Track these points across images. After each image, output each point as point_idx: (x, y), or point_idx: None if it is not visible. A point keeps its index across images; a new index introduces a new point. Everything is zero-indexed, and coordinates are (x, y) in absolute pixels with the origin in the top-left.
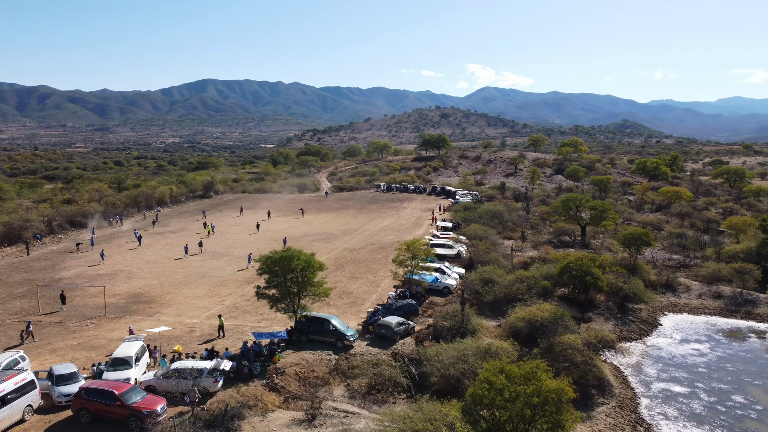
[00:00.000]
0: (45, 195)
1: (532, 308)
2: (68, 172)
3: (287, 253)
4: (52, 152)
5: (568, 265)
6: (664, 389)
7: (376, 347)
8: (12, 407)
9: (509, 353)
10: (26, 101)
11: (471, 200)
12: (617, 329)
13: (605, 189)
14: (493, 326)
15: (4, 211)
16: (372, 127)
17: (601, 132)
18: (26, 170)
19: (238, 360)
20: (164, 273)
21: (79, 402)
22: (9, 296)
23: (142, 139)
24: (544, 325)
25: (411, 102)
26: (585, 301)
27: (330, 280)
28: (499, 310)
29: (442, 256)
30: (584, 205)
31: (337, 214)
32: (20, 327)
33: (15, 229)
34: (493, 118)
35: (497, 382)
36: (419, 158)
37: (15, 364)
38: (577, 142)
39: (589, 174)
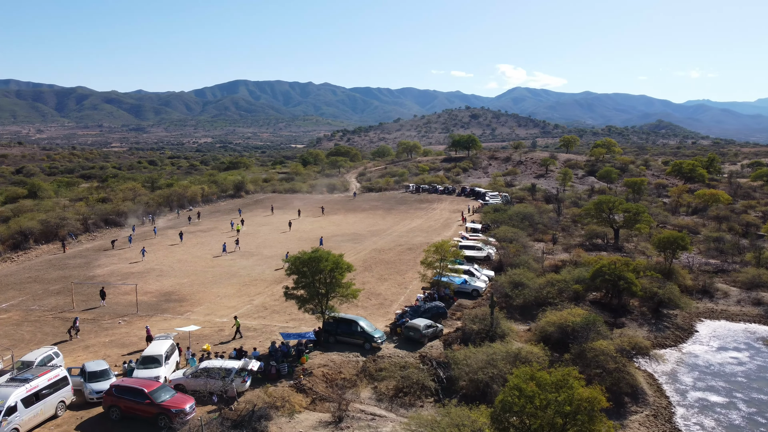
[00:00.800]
0: (81, 194)
1: (564, 313)
2: (104, 172)
3: (316, 254)
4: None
5: (601, 268)
6: (700, 399)
7: (404, 350)
8: (45, 403)
9: (539, 359)
10: (65, 102)
11: (501, 202)
12: (651, 335)
13: (639, 191)
14: (523, 330)
15: (42, 209)
16: (401, 128)
17: (635, 133)
18: (64, 169)
19: (266, 360)
20: (195, 272)
21: (110, 399)
22: (45, 293)
23: (176, 139)
24: (575, 330)
25: (440, 102)
26: (618, 306)
27: (358, 281)
28: (529, 314)
29: (471, 258)
30: (617, 207)
31: (365, 215)
32: (55, 323)
33: (52, 227)
34: (523, 119)
35: (528, 389)
36: (448, 159)
37: (49, 360)
38: (610, 143)
39: (622, 176)
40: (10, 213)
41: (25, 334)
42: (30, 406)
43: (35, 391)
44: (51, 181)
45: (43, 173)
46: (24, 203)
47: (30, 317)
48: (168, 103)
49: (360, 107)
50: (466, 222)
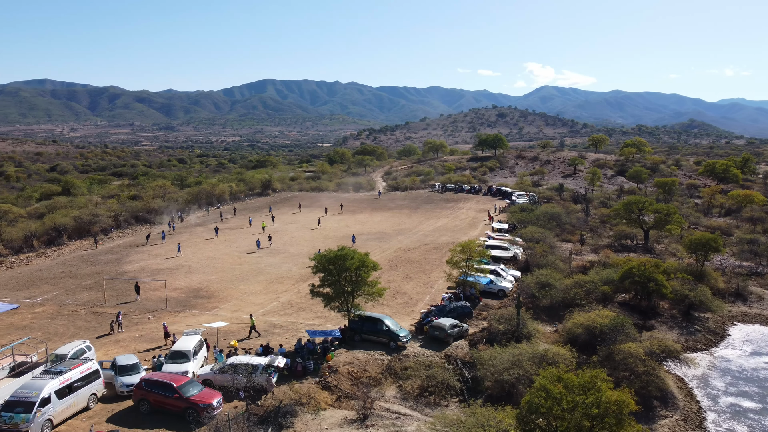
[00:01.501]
0: (113, 191)
1: (591, 314)
2: (135, 170)
3: (341, 253)
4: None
5: (630, 270)
6: (732, 404)
7: (429, 349)
8: (78, 395)
9: (566, 360)
10: (98, 101)
11: (528, 201)
12: (682, 339)
13: (670, 191)
14: (550, 331)
15: (75, 206)
16: (428, 127)
17: (666, 132)
18: (96, 167)
19: (292, 357)
20: (223, 269)
21: (139, 393)
22: (78, 288)
23: (205, 137)
24: (603, 332)
25: (467, 101)
26: (647, 308)
27: (384, 280)
28: (556, 315)
29: (497, 258)
30: (648, 208)
31: (391, 214)
32: (87, 318)
33: (85, 223)
34: (551, 118)
35: (555, 390)
36: (475, 158)
37: (81, 353)
38: (640, 143)
39: (652, 176)
40: (45, 209)
41: (59, 327)
42: (63, 398)
43: (68, 384)
44: (84, 178)
45: (76, 171)
46: (58, 200)
47: (63, 311)
48: (197, 102)
49: (386, 106)
50: (492, 221)
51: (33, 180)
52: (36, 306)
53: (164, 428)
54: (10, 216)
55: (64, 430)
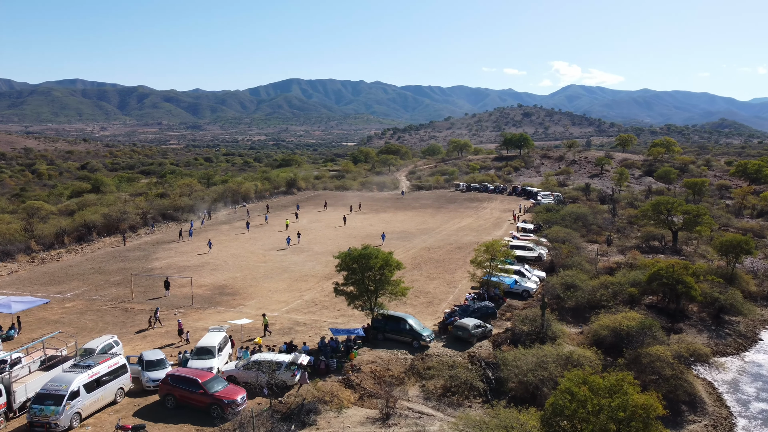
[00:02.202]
0: (141, 189)
1: (618, 316)
2: (162, 168)
3: (365, 251)
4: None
5: (658, 272)
6: (764, 410)
7: (452, 349)
8: (105, 389)
9: (592, 362)
10: (127, 100)
11: (553, 201)
12: (711, 342)
13: (700, 192)
14: (575, 333)
15: (104, 203)
16: (452, 126)
17: (696, 132)
18: (125, 165)
19: (315, 355)
20: (248, 266)
21: (165, 388)
22: (106, 284)
23: (231, 136)
24: (630, 335)
25: (492, 101)
26: (675, 311)
27: (407, 279)
28: (582, 316)
29: (522, 258)
30: (677, 208)
31: (415, 213)
32: (115, 313)
33: (113, 220)
34: (578, 117)
35: (580, 392)
36: (500, 158)
37: (109, 348)
38: (669, 142)
39: (681, 176)
40: (75, 207)
41: (88, 322)
42: (91, 392)
43: (96, 378)
44: (113, 176)
45: (105, 169)
46: (88, 197)
47: (92, 306)
48: (224, 101)
49: (411, 105)
50: (518, 221)
51: (64, 178)
52: (66, 301)
53: (189, 423)
54: (42, 213)
55: (92, 423)
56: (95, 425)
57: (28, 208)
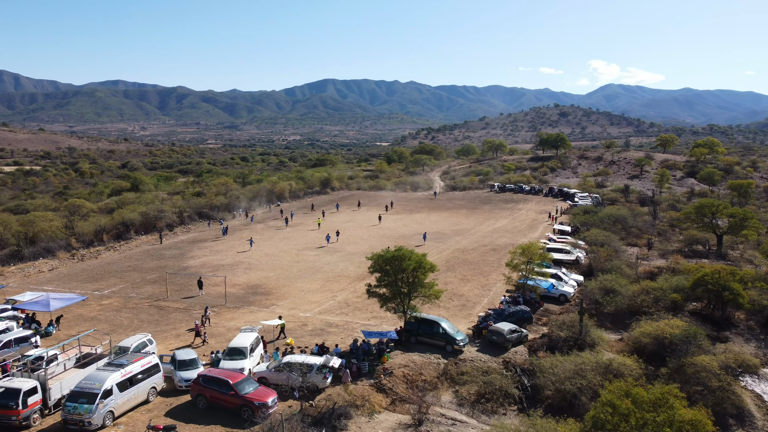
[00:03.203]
0: (178, 188)
1: (660, 323)
2: (200, 167)
3: (399, 253)
4: (186, 148)
5: (703, 277)
6: None
7: (487, 354)
8: (138, 388)
9: (633, 372)
10: (166, 101)
11: (591, 203)
12: (760, 352)
13: (746, 195)
14: (614, 340)
15: (143, 201)
16: (487, 126)
17: (740, 132)
18: (164, 164)
19: (347, 357)
20: (281, 266)
21: (197, 388)
22: (143, 281)
23: (266, 136)
24: (673, 343)
25: (528, 100)
26: (721, 319)
27: (441, 281)
28: (621, 322)
29: (558, 261)
30: (722, 211)
31: (449, 214)
32: (150, 311)
33: (151, 219)
34: (616, 117)
35: (622, 406)
36: (536, 158)
37: (143, 346)
38: (712, 143)
39: (726, 178)
40: (115, 205)
41: (124, 320)
42: (124, 391)
43: (129, 376)
44: (152, 175)
45: (145, 168)
46: (127, 196)
47: (128, 304)
48: (260, 101)
49: (445, 105)
50: (555, 221)
51: (105, 176)
52: (103, 298)
53: (220, 425)
54: (83, 210)
55: (124, 423)
56: (127, 424)
57: (69, 206)
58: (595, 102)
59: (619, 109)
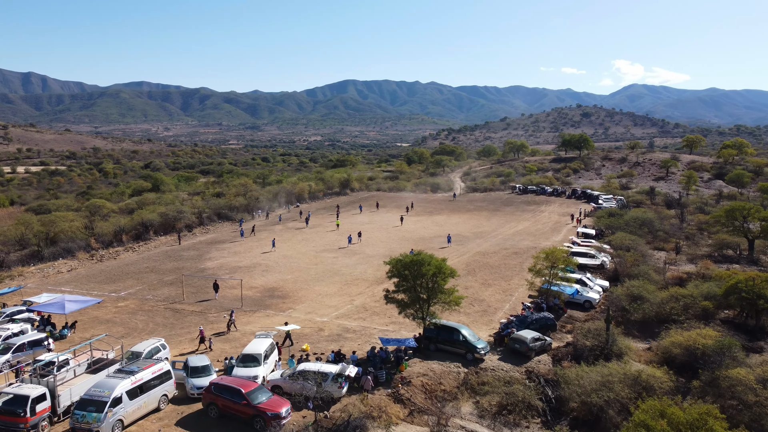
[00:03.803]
0: (199, 188)
1: (692, 333)
2: (221, 167)
3: (417, 258)
4: (208, 148)
5: (737, 285)
6: None
7: (509, 363)
8: (149, 396)
9: (663, 384)
10: (189, 102)
11: (616, 205)
12: None
13: None
14: (642, 349)
15: (163, 202)
16: (508, 127)
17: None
18: (186, 164)
19: (364, 365)
20: (299, 268)
21: (209, 397)
22: (160, 283)
23: (288, 137)
24: (706, 354)
25: (550, 101)
26: (756, 328)
27: (461, 286)
28: (649, 331)
29: (583, 266)
30: (753, 215)
31: (469, 216)
32: (166, 314)
33: (170, 219)
34: (640, 117)
35: (657, 427)
36: (558, 159)
37: (156, 352)
38: (741, 144)
39: (756, 180)
40: (135, 205)
41: (139, 323)
42: (134, 398)
43: (140, 384)
44: (173, 175)
45: (167, 168)
46: (147, 196)
47: (144, 306)
48: (281, 102)
49: (466, 106)
50: (579, 224)
51: (128, 176)
52: (120, 300)
53: None
54: (103, 211)
55: (134, 431)
56: None
57: (90, 207)
58: (619, 102)
59: (642, 110)
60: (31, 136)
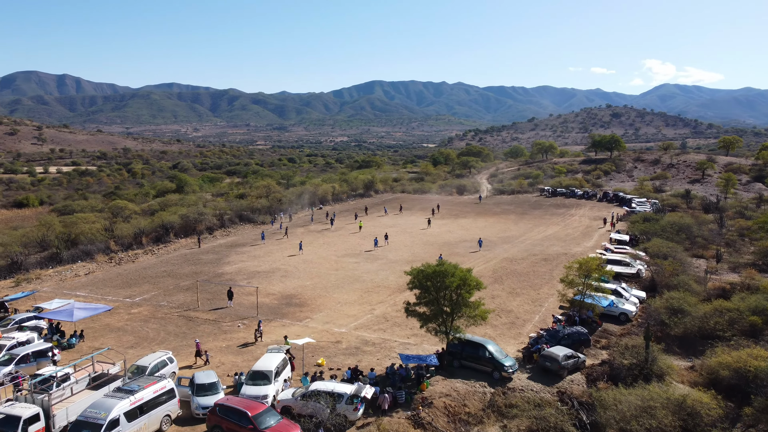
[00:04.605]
0: (223, 189)
1: (742, 354)
2: (248, 168)
3: (440, 268)
4: (236, 149)
5: None
6: None
7: (539, 383)
8: (150, 417)
9: (711, 411)
10: (218, 103)
11: (650, 209)
12: None
13: None
14: (684, 368)
15: (185, 203)
16: (536, 127)
17: None
18: (213, 165)
19: (382, 383)
20: (319, 274)
21: (213, 419)
22: (176, 288)
23: (314, 137)
24: (759, 378)
25: (579, 101)
26: None
27: (488, 295)
28: (691, 347)
29: (617, 275)
30: None
31: (496, 219)
32: (178, 322)
33: (191, 222)
34: (671, 118)
35: None
36: (588, 161)
37: (162, 366)
38: None
39: None
40: (158, 206)
41: (150, 331)
42: (133, 420)
43: (139, 404)
44: (199, 176)
45: (195, 168)
46: (169, 198)
47: (158, 314)
48: (308, 103)
49: (493, 106)
50: (613, 227)
51: (156, 177)
52: (134, 306)
53: None
54: (125, 212)
55: None
56: None
57: (113, 208)
58: (650, 102)
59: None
60: (64, 137)
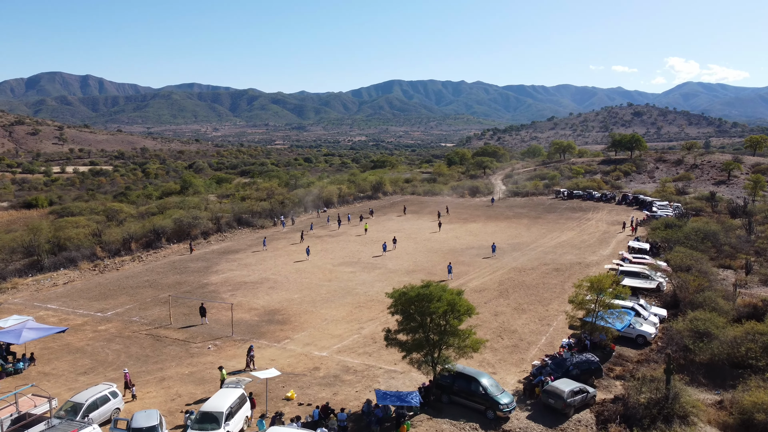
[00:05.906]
0: (230, 190)
1: None
2: (263, 167)
3: (425, 291)
4: (253, 149)
5: None
6: None
7: (540, 423)
8: None
9: None
10: (238, 103)
11: (673, 214)
12: None
13: None
14: (711, 402)
15: (187, 205)
16: (555, 127)
17: None
18: (229, 165)
19: (356, 423)
20: (309, 285)
21: None
22: (153, 301)
23: (333, 137)
24: None
25: (600, 100)
26: None
27: (491, 311)
28: (719, 376)
29: (635, 289)
30: None
31: (507, 224)
32: (144, 343)
33: (185, 226)
34: (695, 116)
35: None
36: (607, 161)
37: (103, 402)
38: None
39: None
40: (156, 209)
41: (110, 353)
42: None
43: None
44: (211, 176)
45: (210, 168)
46: (169, 200)
47: (125, 331)
48: (327, 103)
49: (512, 106)
50: (634, 231)
51: (170, 176)
52: (103, 321)
53: None
54: (120, 216)
55: None
56: None
57: (108, 211)
58: (672, 101)
59: (698, 109)
60: (84, 137)
